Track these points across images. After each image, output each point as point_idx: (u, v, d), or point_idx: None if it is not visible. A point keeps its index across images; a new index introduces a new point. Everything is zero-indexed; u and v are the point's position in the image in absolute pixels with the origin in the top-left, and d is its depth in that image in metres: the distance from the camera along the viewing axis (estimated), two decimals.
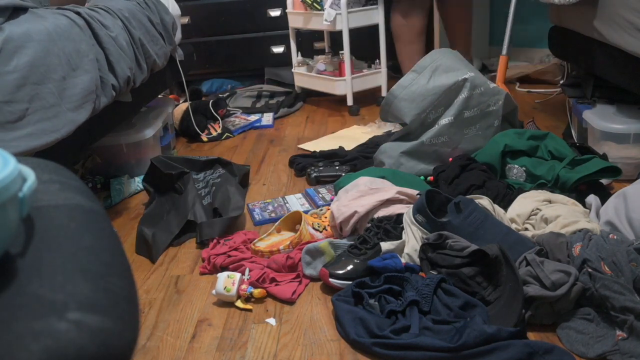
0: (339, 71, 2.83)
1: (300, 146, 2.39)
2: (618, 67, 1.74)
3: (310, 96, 3.14)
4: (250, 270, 1.39)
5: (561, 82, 2.52)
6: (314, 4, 2.72)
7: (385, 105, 1.88)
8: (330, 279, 1.31)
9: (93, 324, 0.43)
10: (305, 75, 3.00)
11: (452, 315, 1.14)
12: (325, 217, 1.60)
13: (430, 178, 1.77)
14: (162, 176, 1.81)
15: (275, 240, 1.56)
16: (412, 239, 1.37)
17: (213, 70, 3.44)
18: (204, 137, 2.58)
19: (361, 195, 1.51)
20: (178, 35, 2.36)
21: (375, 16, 2.78)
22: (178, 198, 1.77)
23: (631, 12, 1.56)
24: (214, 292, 1.33)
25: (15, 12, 1.38)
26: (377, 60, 2.92)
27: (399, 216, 1.44)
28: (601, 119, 1.79)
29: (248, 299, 1.33)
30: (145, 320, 1.31)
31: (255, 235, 1.58)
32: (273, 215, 1.74)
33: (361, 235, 1.40)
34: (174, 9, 2.34)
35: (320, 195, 1.82)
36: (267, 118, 2.82)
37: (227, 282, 1.32)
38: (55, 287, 0.45)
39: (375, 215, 1.46)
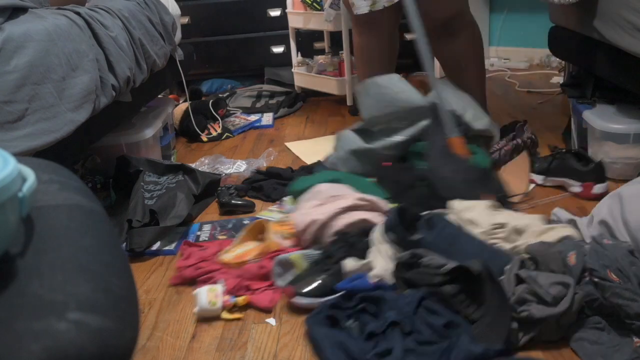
0: (339, 71, 2.83)
1: (287, 144, 2.43)
2: (618, 67, 1.74)
3: (310, 96, 3.14)
4: (225, 280, 1.34)
5: (560, 82, 2.52)
6: (314, 4, 2.72)
7: (358, 93, 1.90)
8: (296, 298, 1.25)
9: (93, 324, 0.43)
10: (305, 75, 3.00)
11: (436, 335, 1.09)
12: (289, 225, 1.53)
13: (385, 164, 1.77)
14: (126, 175, 1.81)
15: (240, 251, 1.50)
16: (383, 259, 1.29)
17: (213, 70, 3.44)
18: (204, 137, 2.58)
19: (321, 203, 1.49)
20: (178, 35, 2.36)
21: None
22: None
23: (631, 12, 1.56)
24: (196, 310, 1.26)
25: (15, 12, 1.38)
26: None
27: (364, 229, 1.38)
28: (601, 119, 1.79)
29: (232, 308, 1.29)
30: (145, 320, 1.31)
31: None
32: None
33: (326, 250, 1.35)
34: (174, 9, 2.34)
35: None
36: (267, 118, 2.82)
37: (211, 295, 1.26)
38: (55, 287, 0.45)
39: (337, 222, 1.42)
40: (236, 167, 2.19)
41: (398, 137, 1.79)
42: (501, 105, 2.68)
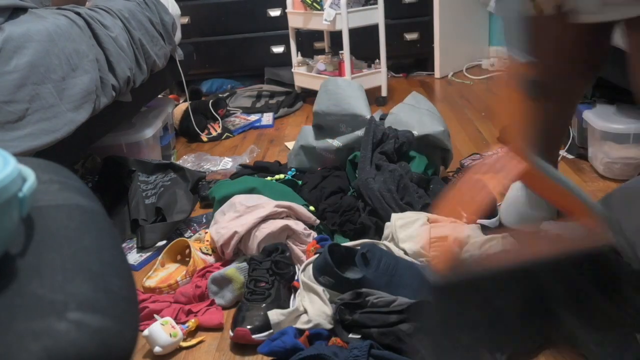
0: (339, 71, 2.83)
1: (287, 144, 2.43)
2: (618, 67, 1.74)
3: (310, 96, 3.13)
4: (160, 311, 1.27)
5: None
6: (314, 4, 2.72)
7: (320, 85, 1.93)
8: (254, 336, 1.17)
9: (93, 324, 0.43)
10: (305, 75, 3.00)
11: None
12: (207, 241, 1.52)
13: None
14: (115, 176, 1.81)
15: (163, 275, 1.46)
16: (318, 303, 1.19)
17: (213, 70, 3.44)
18: (204, 137, 2.58)
19: (239, 215, 1.47)
20: (178, 35, 2.36)
21: (375, 16, 2.78)
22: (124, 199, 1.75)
23: None
24: (157, 349, 1.16)
25: (15, 12, 1.38)
26: (377, 60, 2.92)
27: (285, 246, 1.35)
28: (601, 119, 1.79)
29: (186, 335, 1.23)
30: None
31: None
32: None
33: (253, 278, 1.27)
34: (173, 9, 2.34)
35: None
36: (267, 118, 2.82)
37: (167, 329, 1.16)
38: (55, 287, 0.45)
39: (259, 232, 1.40)
40: (223, 164, 2.20)
41: (336, 142, 1.81)
42: None
